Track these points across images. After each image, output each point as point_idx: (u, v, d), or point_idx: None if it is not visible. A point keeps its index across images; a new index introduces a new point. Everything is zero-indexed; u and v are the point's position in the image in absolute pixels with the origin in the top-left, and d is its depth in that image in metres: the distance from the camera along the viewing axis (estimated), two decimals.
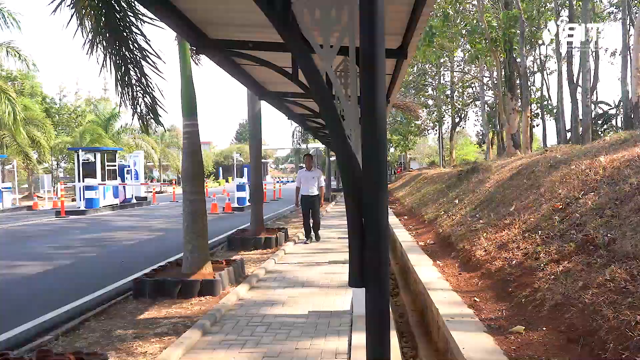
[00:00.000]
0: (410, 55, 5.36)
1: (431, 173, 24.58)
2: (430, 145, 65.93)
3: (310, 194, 10.85)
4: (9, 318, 5.82)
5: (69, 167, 41.10)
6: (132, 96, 6.71)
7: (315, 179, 10.88)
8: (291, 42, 2.33)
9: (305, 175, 10.94)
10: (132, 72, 6.60)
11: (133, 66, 6.56)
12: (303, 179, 10.93)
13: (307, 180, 10.87)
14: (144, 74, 6.67)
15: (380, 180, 2.06)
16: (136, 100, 6.77)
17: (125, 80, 6.57)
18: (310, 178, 10.85)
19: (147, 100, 6.85)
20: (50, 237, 14.07)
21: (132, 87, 6.67)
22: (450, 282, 5.94)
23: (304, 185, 10.88)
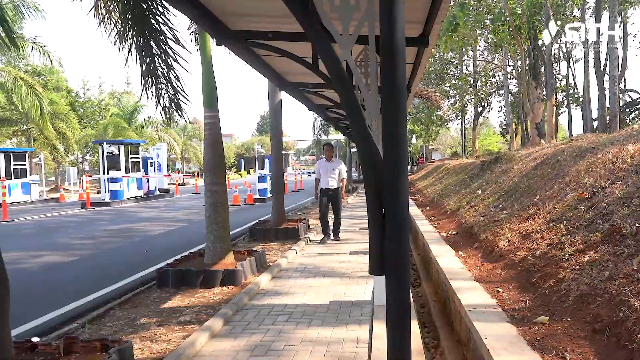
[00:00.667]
0: (432, 44, 5.27)
1: (453, 164, 24.33)
2: (452, 135, 65.21)
3: (330, 186, 9.98)
4: (37, 306, 5.97)
5: (94, 159, 41.82)
6: (155, 88, 6.77)
7: (336, 171, 10.01)
8: (311, 31, 2.31)
9: (325, 166, 10.07)
10: (157, 63, 6.66)
11: (158, 57, 6.62)
12: (322, 170, 10.08)
13: (327, 171, 10.02)
14: (169, 66, 6.73)
15: (401, 169, 2.03)
16: (160, 91, 6.83)
17: (150, 72, 6.63)
18: (330, 169, 9.99)
19: (170, 91, 6.91)
20: (76, 228, 14.36)
21: (157, 79, 6.74)
22: (473, 272, 5.88)
23: (324, 177, 10.03)
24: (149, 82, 6.71)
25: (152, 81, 6.72)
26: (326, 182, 9.99)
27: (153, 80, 6.71)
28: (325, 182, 10.00)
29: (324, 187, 10.01)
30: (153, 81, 6.72)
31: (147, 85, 6.72)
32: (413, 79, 7.68)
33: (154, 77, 6.70)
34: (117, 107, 42.28)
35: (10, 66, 27.19)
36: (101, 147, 25.07)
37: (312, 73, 5.78)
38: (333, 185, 9.98)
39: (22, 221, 16.59)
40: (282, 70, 7.63)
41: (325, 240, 10.02)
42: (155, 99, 6.85)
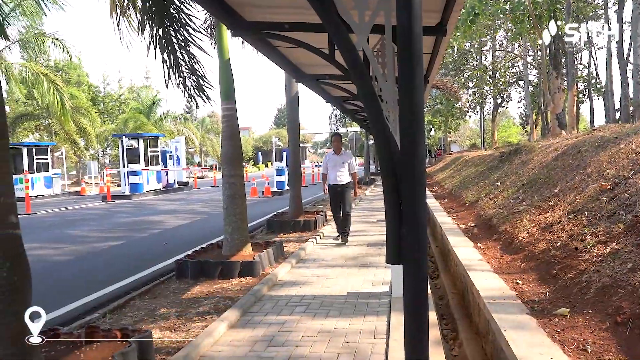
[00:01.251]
0: (450, 32, 5.21)
1: (472, 155, 24.10)
2: (471, 127, 64.54)
3: (339, 182, 8.96)
4: (59, 297, 6.09)
5: (114, 153, 42.36)
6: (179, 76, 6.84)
7: (346, 165, 9.01)
8: (328, 20, 2.29)
9: (334, 159, 9.06)
10: (179, 53, 6.72)
11: (179, 46, 6.68)
12: (330, 164, 9.07)
13: (336, 165, 9.00)
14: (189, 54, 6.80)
15: (418, 158, 2.01)
16: (184, 79, 6.91)
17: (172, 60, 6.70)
18: (339, 163, 8.99)
19: (194, 78, 6.98)
20: (97, 220, 14.58)
21: (179, 67, 6.80)
22: (492, 264, 5.83)
23: (332, 171, 9.03)
24: (173, 70, 6.77)
25: (176, 69, 6.78)
26: (335, 177, 9.00)
27: (175, 68, 6.77)
28: (334, 177, 9.01)
29: (333, 183, 9.03)
30: (175, 68, 6.77)
31: (171, 73, 6.79)
32: (431, 69, 7.60)
33: (177, 66, 6.76)
34: (136, 101, 42.74)
35: (32, 62, 27.58)
36: (121, 141, 25.37)
37: (329, 64, 5.75)
38: (342, 181, 8.99)
39: (45, 214, 16.90)
40: (299, 61, 7.62)
41: (340, 239, 9.10)
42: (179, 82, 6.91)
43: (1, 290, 2.90)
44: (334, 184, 8.98)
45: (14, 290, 2.94)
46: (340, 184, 8.95)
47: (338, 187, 8.97)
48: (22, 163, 24.60)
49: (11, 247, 2.97)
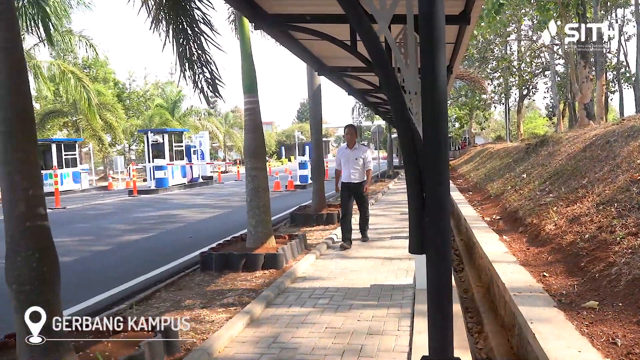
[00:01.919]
0: (474, 21, 5.13)
1: (497, 147, 23.75)
2: (496, 119, 63.56)
3: (352, 180, 7.94)
4: (88, 288, 6.22)
5: (140, 149, 43.01)
6: (192, 72, 6.88)
7: (360, 160, 7.95)
8: (350, 10, 2.27)
9: (346, 154, 8.03)
10: (192, 47, 6.75)
11: (193, 41, 6.72)
12: (343, 160, 8.05)
13: (349, 161, 7.96)
14: (203, 49, 6.82)
15: (441, 147, 1.99)
16: (196, 75, 6.94)
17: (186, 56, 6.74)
18: (352, 159, 7.94)
19: (207, 75, 7.00)
20: (123, 214, 14.85)
21: (193, 63, 6.84)
22: (518, 256, 5.74)
23: (345, 168, 8.02)
24: (186, 66, 6.81)
25: (189, 65, 6.82)
26: (348, 174, 7.97)
27: (190, 64, 6.81)
28: (347, 174, 7.98)
29: (346, 182, 8.01)
30: (190, 65, 6.82)
31: (184, 69, 6.84)
32: (454, 60, 7.51)
33: (190, 61, 6.80)
34: (161, 97, 43.27)
35: (60, 59, 28.14)
36: (146, 136, 25.73)
37: (351, 56, 5.73)
38: (356, 179, 7.95)
39: (74, 208, 17.27)
40: (321, 54, 7.60)
41: (346, 247, 7.85)
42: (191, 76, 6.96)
43: (31, 280, 2.97)
44: (347, 181, 7.98)
45: (43, 281, 3.01)
46: (354, 182, 7.94)
47: (351, 185, 7.96)
48: (51, 159, 25.17)
49: (40, 238, 3.04)
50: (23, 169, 2.99)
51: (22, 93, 3.04)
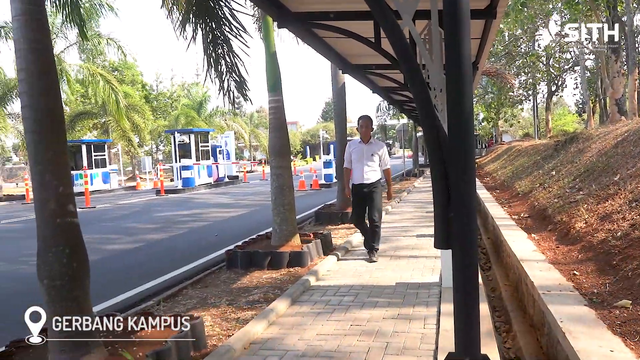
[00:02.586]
0: (500, 15, 5.04)
1: (525, 145, 23.35)
2: (524, 116, 62.48)
3: (365, 180, 6.72)
4: (117, 285, 6.34)
5: (167, 149, 43.64)
6: (218, 72, 6.94)
7: (376, 157, 6.79)
8: (374, 5, 2.25)
9: (359, 149, 6.81)
10: (219, 49, 6.82)
11: (221, 43, 6.78)
12: (355, 156, 6.81)
13: (362, 157, 6.76)
14: (232, 51, 6.88)
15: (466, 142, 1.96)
16: (222, 75, 7.01)
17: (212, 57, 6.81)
18: (367, 155, 6.75)
19: (235, 76, 7.06)
20: (151, 213, 15.09)
21: (219, 64, 6.90)
22: (547, 255, 5.63)
23: (357, 166, 6.78)
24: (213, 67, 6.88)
25: (215, 65, 6.89)
26: (361, 173, 6.75)
27: (216, 65, 6.88)
28: (359, 173, 6.76)
29: (358, 182, 6.79)
30: (216, 65, 6.88)
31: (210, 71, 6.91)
32: (480, 56, 7.40)
33: (216, 63, 6.87)
34: (187, 98, 43.84)
35: (89, 62, 28.76)
36: (173, 137, 26.09)
37: (375, 54, 5.70)
38: (370, 179, 6.73)
39: (103, 208, 17.62)
40: (345, 52, 7.58)
41: (373, 257, 6.81)
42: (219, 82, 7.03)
43: (61, 276, 3.04)
44: (360, 183, 6.76)
45: (73, 276, 3.07)
46: (368, 182, 6.72)
47: (364, 186, 6.73)
48: (82, 160, 25.73)
49: (70, 235, 3.11)
50: (53, 168, 3.06)
51: (52, 94, 3.11)
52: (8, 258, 8.86)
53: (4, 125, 25.10)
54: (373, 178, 6.77)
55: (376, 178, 6.82)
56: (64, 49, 25.24)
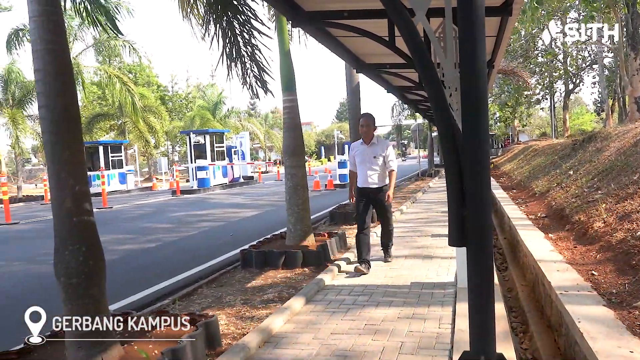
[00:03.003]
0: (516, 12, 4.98)
1: (542, 144, 23.09)
2: (540, 116, 61.78)
3: (370, 184, 6.21)
4: (133, 284, 6.40)
5: (183, 150, 43.99)
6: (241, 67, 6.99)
7: (379, 159, 6.20)
8: (388, 3, 2.23)
9: (362, 151, 6.30)
10: (242, 45, 6.86)
11: (242, 38, 6.82)
12: (359, 159, 6.32)
13: (365, 160, 6.24)
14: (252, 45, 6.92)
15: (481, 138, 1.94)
16: (245, 70, 7.06)
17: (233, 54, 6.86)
18: (370, 157, 6.23)
19: (255, 71, 7.11)
20: (166, 214, 15.20)
21: (241, 59, 6.95)
22: (564, 255, 5.57)
23: (361, 169, 6.30)
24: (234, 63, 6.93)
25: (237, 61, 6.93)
26: (364, 177, 6.24)
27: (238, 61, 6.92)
28: (363, 177, 6.25)
29: (362, 186, 6.30)
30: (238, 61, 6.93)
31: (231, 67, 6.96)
32: (496, 54, 7.32)
33: (238, 57, 6.91)
34: (202, 99, 44.15)
35: (106, 64, 29.12)
36: (188, 137, 26.26)
37: (389, 53, 5.68)
38: (375, 183, 6.23)
39: (120, 208, 17.81)
40: (359, 51, 7.57)
41: (363, 270, 6.06)
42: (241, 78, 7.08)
43: (78, 274, 3.08)
44: (364, 186, 6.27)
45: (89, 274, 3.11)
46: (373, 186, 6.22)
47: (369, 191, 6.24)
48: (99, 160, 26.04)
49: (86, 233, 3.14)
50: (70, 167, 3.09)
51: (68, 94, 3.15)
52: (27, 257, 8.99)
53: (23, 127, 25.51)
54: (377, 182, 6.23)
55: (382, 182, 6.26)
56: (81, 52, 25.61)
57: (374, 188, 6.24)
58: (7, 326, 5.01)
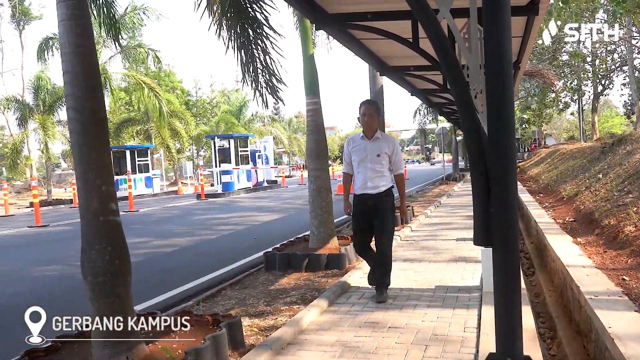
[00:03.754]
0: (542, 11, 4.90)
1: (570, 148, 22.65)
2: (568, 119, 60.61)
3: (371, 190, 4.96)
4: (159, 286, 6.48)
5: (208, 155, 44.44)
6: (254, 75, 7.02)
7: (384, 158, 4.99)
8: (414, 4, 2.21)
9: (362, 147, 5.04)
10: (255, 51, 6.89)
11: (255, 45, 6.85)
12: (357, 156, 5.04)
13: (366, 158, 4.99)
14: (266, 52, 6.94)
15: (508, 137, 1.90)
16: (257, 77, 7.08)
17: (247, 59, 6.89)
18: (372, 154, 4.98)
19: (266, 77, 7.12)
20: (191, 217, 15.37)
21: (254, 66, 6.98)
22: (594, 259, 5.43)
23: (360, 170, 5.03)
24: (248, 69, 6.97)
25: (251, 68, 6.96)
26: (364, 180, 4.98)
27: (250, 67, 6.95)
28: (363, 180, 4.98)
29: (361, 193, 5.01)
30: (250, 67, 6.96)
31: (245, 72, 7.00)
32: (522, 55, 7.22)
33: (251, 64, 6.94)
34: (227, 104, 44.61)
35: (133, 70, 29.62)
36: (213, 142, 26.54)
37: (413, 55, 5.66)
38: (377, 187, 4.96)
39: (146, 211, 18.07)
40: (383, 54, 7.55)
41: (382, 299, 4.98)
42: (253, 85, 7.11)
43: (104, 273, 3.12)
44: (362, 193, 4.97)
45: (115, 273, 3.15)
46: (374, 193, 4.93)
47: (369, 198, 4.93)
48: (126, 165, 26.48)
49: (112, 232, 3.19)
50: (97, 168, 3.15)
51: (95, 96, 3.21)
52: (56, 259, 9.18)
53: (52, 132, 26.12)
54: (381, 186, 4.93)
55: (385, 187, 4.97)
56: (110, 58, 26.12)
57: (375, 194, 4.92)
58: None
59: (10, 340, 4.64)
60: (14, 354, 3.33)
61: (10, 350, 3.85)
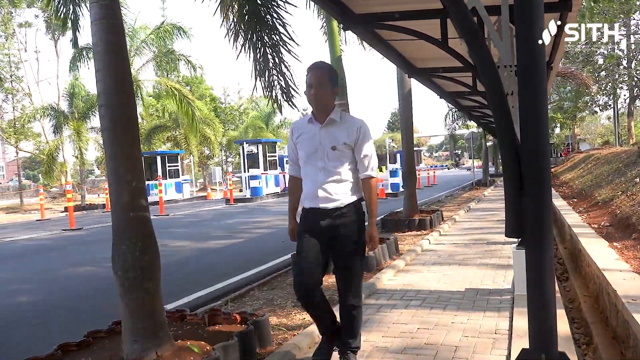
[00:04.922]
0: (576, 8, 4.78)
1: (604, 153, 22.06)
2: (603, 124, 59.03)
3: (325, 203, 3.15)
4: (189, 286, 6.54)
5: (237, 160, 44.88)
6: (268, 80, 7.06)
7: (343, 151, 3.14)
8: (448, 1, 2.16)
9: (309, 136, 3.22)
10: (269, 57, 6.93)
11: (271, 51, 6.89)
12: (304, 149, 3.23)
13: (315, 154, 3.18)
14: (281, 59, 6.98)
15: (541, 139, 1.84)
16: (272, 83, 7.12)
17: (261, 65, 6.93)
18: (325, 146, 3.15)
19: (282, 83, 7.15)
20: (221, 221, 15.53)
21: (269, 71, 7.02)
22: (631, 264, 5.24)
23: (308, 171, 3.24)
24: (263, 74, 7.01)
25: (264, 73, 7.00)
26: (313, 186, 3.19)
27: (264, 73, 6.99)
28: (312, 188, 3.20)
29: (310, 206, 3.24)
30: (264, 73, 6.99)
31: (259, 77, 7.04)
32: (554, 55, 7.06)
33: (265, 70, 6.97)
34: (255, 110, 45.00)
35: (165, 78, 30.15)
36: (241, 147, 26.79)
37: (441, 56, 5.61)
38: (334, 198, 3.16)
39: (176, 215, 18.34)
40: (410, 55, 7.50)
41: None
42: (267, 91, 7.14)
43: (134, 269, 3.16)
44: (313, 207, 3.23)
45: (144, 268, 3.18)
46: (328, 207, 3.17)
47: (321, 216, 3.19)
48: (157, 170, 26.93)
49: (142, 228, 3.23)
50: (127, 163, 3.20)
51: (125, 93, 3.27)
52: (89, 260, 9.38)
53: (86, 138, 26.77)
54: (340, 197, 3.17)
55: (348, 197, 3.19)
56: (141, 66, 26.65)
57: (331, 210, 3.17)
58: (74, 318, 5.22)
59: (46, 334, 4.76)
60: (45, 349, 3.40)
61: (40, 346, 3.93)
